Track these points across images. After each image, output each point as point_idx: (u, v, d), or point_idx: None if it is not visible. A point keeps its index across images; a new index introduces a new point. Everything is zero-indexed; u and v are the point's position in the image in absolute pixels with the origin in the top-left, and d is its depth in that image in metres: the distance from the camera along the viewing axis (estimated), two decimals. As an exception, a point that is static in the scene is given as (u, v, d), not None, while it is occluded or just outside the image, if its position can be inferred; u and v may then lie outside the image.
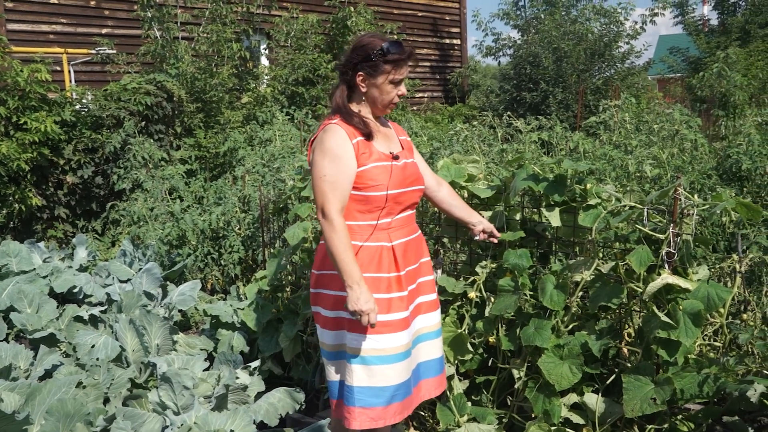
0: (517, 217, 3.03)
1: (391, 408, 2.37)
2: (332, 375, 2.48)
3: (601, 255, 2.84)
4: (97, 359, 3.40)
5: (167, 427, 2.80)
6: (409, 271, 2.46)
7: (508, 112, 7.88)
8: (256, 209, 5.02)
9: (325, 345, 2.48)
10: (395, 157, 2.42)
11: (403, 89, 2.41)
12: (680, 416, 2.59)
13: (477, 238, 2.73)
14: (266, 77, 9.75)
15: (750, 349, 2.73)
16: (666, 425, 2.54)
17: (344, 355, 2.41)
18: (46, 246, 5.64)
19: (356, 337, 2.35)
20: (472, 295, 2.90)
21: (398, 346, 2.37)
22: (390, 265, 2.39)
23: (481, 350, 2.93)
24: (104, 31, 9.82)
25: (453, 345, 2.90)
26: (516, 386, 2.79)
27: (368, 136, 2.38)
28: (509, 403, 2.90)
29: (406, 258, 2.45)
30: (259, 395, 3.18)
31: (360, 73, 2.37)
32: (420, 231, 2.61)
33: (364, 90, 2.40)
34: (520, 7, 14.01)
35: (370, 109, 2.46)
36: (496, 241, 2.77)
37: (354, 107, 2.44)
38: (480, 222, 2.72)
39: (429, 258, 2.63)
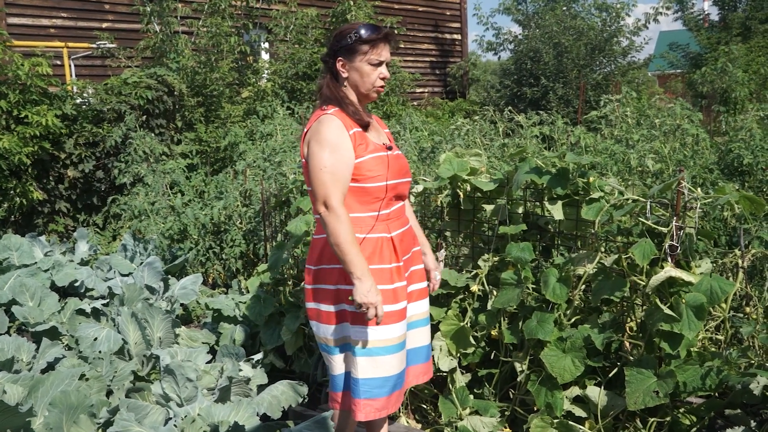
0: (520, 210, 3.03)
1: (393, 397, 2.41)
2: (337, 368, 2.45)
3: (603, 248, 2.85)
4: (100, 352, 3.40)
5: (170, 418, 2.80)
6: (404, 261, 2.47)
7: (509, 107, 7.87)
8: (257, 203, 5.01)
9: (328, 340, 2.43)
10: (389, 148, 2.42)
11: (384, 72, 2.38)
12: (682, 409, 2.59)
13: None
14: (266, 72, 9.74)
15: (752, 343, 2.73)
16: (668, 418, 2.54)
17: (349, 347, 2.40)
18: (48, 240, 5.64)
19: (361, 330, 2.34)
20: (474, 288, 2.90)
21: (400, 336, 2.39)
22: (391, 256, 2.39)
23: (483, 343, 2.94)
24: (105, 25, 9.81)
25: (455, 338, 2.91)
26: (518, 379, 2.80)
27: (365, 126, 2.38)
28: (512, 396, 2.90)
29: (402, 248, 2.45)
30: (261, 388, 3.18)
31: (339, 58, 2.37)
32: (409, 221, 2.62)
33: (345, 75, 2.38)
34: (521, 2, 13.98)
35: (356, 97, 2.41)
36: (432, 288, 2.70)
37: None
38: (431, 260, 2.68)
39: (419, 247, 2.62)
